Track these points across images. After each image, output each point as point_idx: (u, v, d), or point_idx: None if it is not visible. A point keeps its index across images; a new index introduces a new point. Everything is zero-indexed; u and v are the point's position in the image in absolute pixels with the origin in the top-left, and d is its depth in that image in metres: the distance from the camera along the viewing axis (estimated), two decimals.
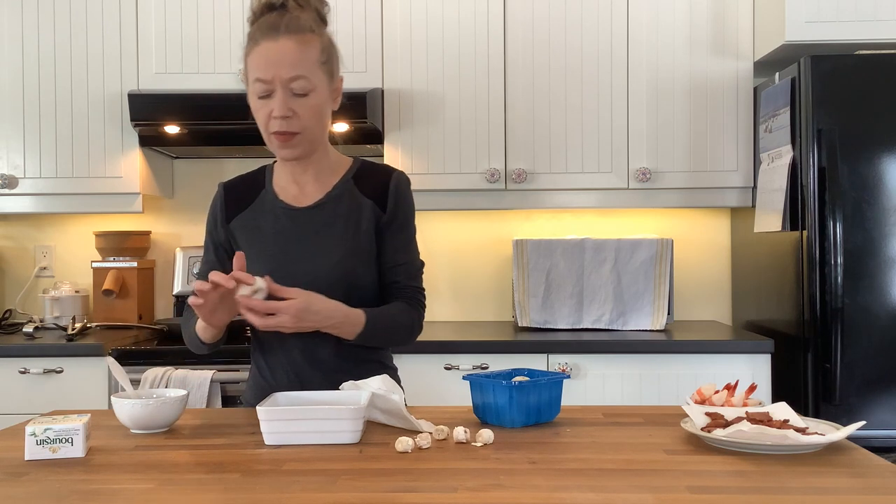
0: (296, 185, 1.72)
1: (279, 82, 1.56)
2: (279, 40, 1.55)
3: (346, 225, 1.68)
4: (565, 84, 3.00)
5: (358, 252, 1.68)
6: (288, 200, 1.71)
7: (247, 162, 3.37)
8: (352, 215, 1.69)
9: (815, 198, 2.53)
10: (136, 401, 1.45)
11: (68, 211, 3.11)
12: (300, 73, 1.56)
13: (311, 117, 1.60)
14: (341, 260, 1.66)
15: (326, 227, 1.68)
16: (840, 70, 2.54)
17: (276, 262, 1.66)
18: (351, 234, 1.68)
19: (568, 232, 3.29)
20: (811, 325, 2.54)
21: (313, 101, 1.59)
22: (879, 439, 2.48)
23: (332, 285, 1.63)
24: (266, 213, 1.72)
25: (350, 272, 1.66)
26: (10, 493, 1.14)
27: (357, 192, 1.71)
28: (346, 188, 1.71)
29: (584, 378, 2.68)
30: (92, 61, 3.02)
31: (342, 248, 1.67)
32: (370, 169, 1.75)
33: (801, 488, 1.12)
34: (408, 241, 1.75)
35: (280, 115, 1.56)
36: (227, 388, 2.63)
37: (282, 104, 1.56)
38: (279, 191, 1.73)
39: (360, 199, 1.70)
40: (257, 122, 1.63)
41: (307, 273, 1.64)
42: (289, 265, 1.66)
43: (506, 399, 1.47)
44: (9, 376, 2.71)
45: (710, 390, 1.54)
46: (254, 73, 1.57)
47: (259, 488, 1.14)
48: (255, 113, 1.62)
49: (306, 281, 1.61)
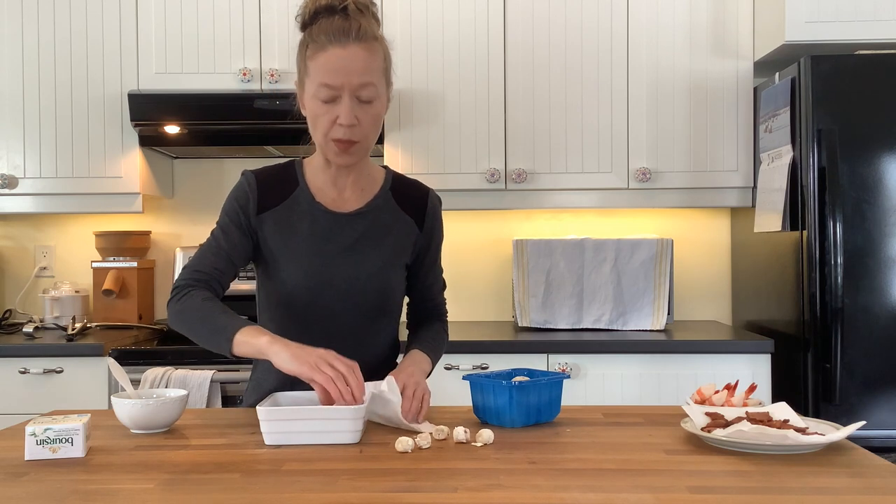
0: (335, 188, 1.70)
1: (348, 89, 1.54)
2: (348, 47, 1.54)
3: (386, 236, 1.70)
4: (565, 84, 3.00)
5: (396, 264, 1.71)
6: (326, 204, 1.69)
7: (247, 162, 3.38)
8: (392, 227, 1.71)
9: (815, 198, 2.53)
10: (136, 401, 1.45)
11: (68, 211, 3.11)
12: (368, 81, 1.56)
13: (372, 125, 1.60)
14: (381, 269, 1.68)
15: (368, 235, 1.68)
16: (840, 70, 2.54)
17: (313, 265, 1.64)
18: (391, 246, 1.70)
19: (568, 232, 3.29)
20: (811, 325, 2.54)
21: (376, 109, 1.59)
22: (879, 439, 2.48)
23: (368, 293, 1.64)
24: (302, 213, 1.67)
25: (387, 282, 1.69)
26: (10, 493, 1.14)
27: (396, 205, 1.73)
28: (385, 199, 1.72)
29: (584, 378, 2.68)
30: (92, 61, 3.02)
31: (382, 258, 1.68)
32: (404, 182, 1.77)
33: (801, 488, 1.12)
34: (438, 260, 1.82)
35: (347, 123, 1.55)
36: (227, 388, 2.63)
37: (349, 112, 1.55)
38: (315, 192, 1.69)
39: (399, 213, 1.72)
40: (313, 123, 1.60)
41: (346, 280, 1.64)
42: (326, 269, 1.64)
43: (506, 399, 1.48)
44: (9, 376, 2.71)
45: (710, 390, 1.54)
46: (320, 77, 1.55)
47: (259, 488, 1.14)
48: (315, 116, 1.59)
49: (344, 288, 1.62)
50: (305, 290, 1.64)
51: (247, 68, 2.98)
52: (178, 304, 1.60)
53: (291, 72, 2.99)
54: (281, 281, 1.66)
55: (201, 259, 1.65)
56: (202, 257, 1.65)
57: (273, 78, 2.97)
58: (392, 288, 1.70)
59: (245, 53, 3.00)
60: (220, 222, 1.68)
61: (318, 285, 1.59)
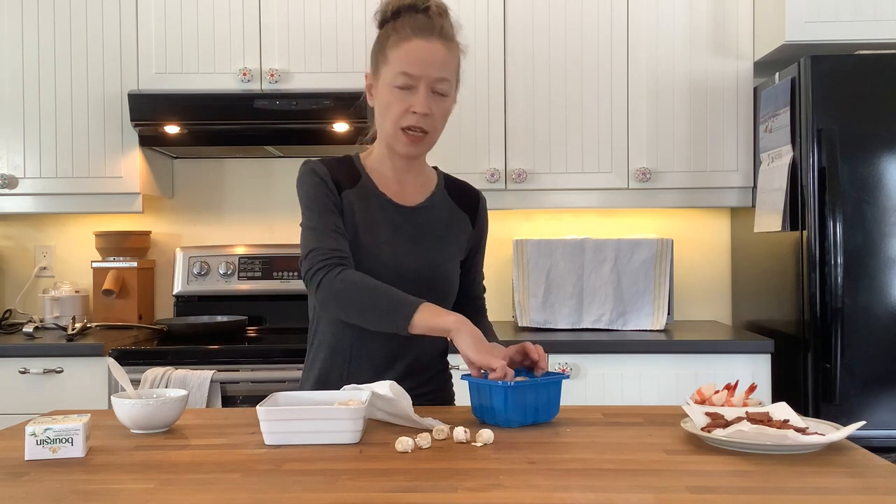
0: (397, 182, 1.74)
1: (426, 80, 1.61)
2: (432, 41, 1.61)
3: (447, 231, 1.75)
4: (565, 84, 3.00)
5: (455, 258, 1.75)
6: (389, 195, 1.72)
7: (247, 162, 3.38)
8: (452, 223, 1.76)
9: (815, 198, 2.53)
10: (136, 401, 1.45)
11: (68, 211, 3.11)
12: (446, 76, 1.63)
13: (441, 119, 1.66)
14: (442, 263, 1.72)
15: (431, 229, 1.73)
16: (840, 70, 2.54)
17: (385, 254, 1.67)
18: (452, 240, 1.75)
19: (568, 232, 3.29)
20: (811, 325, 2.54)
21: (447, 105, 1.67)
22: (879, 439, 2.48)
23: (430, 285, 1.66)
24: (371, 200, 1.70)
25: (448, 276, 1.73)
26: (10, 493, 1.14)
27: (452, 202, 1.78)
28: (443, 196, 1.78)
29: (584, 378, 2.68)
30: (92, 61, 3.02)
31: (444, 252, 1.73)
32: (456, 182, 1.83)
33: (801, 488, 1.12)
34: (483, 259, 1.88)
35: (422, 111, 1.61)
36: (227, 388, 2.63)
37: (424, 101, 1.61)
38: (379, 183, 1.72)
39: (456, 210, 1.78)
40: (384, 111, 1.64)
41: (411, 271, 1.67)
42: (396, 259, 1.67)
43: (501, 399, 1.47)
44: (9, 376, 2.71)
45: (710, 390, 1.54)
46: (401, 65, 1.61)
47: (259, 488, 1.14)
48: (388, 104, 1.63)
49: (411, 278, 1.65)
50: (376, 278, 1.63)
51: (247, 68, 2.98)
52: (339, 282, 1.56)
53: (291, 72, 2.99)
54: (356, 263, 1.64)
55: (325, 238, 1.61)
56: (323, 237, 1.61)
57: (273, 78, 2.97)
58: (451, 282, 1.74)
59: (245, 53, 3.00)
60: (313, 203, 1.64)
61: (387, 273, 1.62)
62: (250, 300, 3.22)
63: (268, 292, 3.20)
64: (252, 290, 3.21)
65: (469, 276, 1.82)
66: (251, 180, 3.39)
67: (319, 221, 1.63)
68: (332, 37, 2.98)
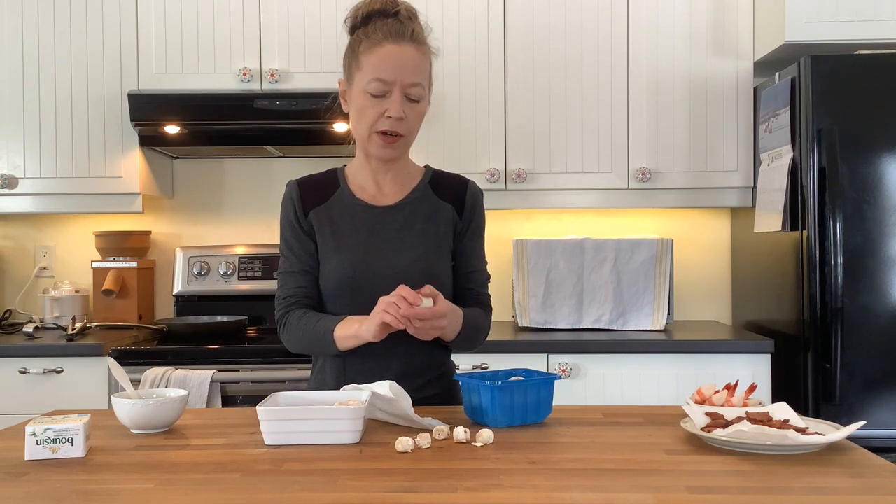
0: (375, 184, 1.76)
1: (399, 86, 1.63)
2: (403, 46, 1.63)
3: (426, 224, 1.74)
4: (565, 84, 3.00)
5: (438, 249, 1.74)
6: (366, 199, 1.75)
7: (247, 162, 3.38)
8: (432, 216, 1.75)
9: (815, 198, 2.53)
10: (136, 401, 1.45)
11: (68, 211, 3.11)
12: (418, 81, 1.65)
13: (416, 122, 1.69)
14: (422, 256, 1.71)
15: (407, 225, 1.73)
16: (840, 70, 2.54)
17: (356, 257, 1.69)
18: (432, 233, 1.74)
19: (568, 232, 3.29)
20: (811, 325, 2.54)
21: (421, 109, 1.68)
22: (879, 439, 2.48)
23: (414, 280, 1.65)
24: (343, 209, 1.74)
25: (431, 269, 1.71)
26: (10, 493, 1.14)
27: (435, 196, 1.77)
28: (425, 192, 1.78)
29: (584, 378, 2.68)
30: (92, 61, 3.02)
31: (423, 246, 1.72)
32: (444, 176, 1.82)
33: (801, 488, 1.12)
34: (480, 249, 1.83)
35: (396, 115, 1.63)
36: (227, 388, 2.63)
37: (398, 106, 1.63)
38: (356, 189, 1.76)
39: (438, 203, 1.77)
40: (358, 117, 1.67)
41: (390, 267, 1.68)
42: (370, 261, 1.69)
43: (488, 399, 1.47)
44: (9, 376, 2.71)
45: (710, 390, 1.54)
46: (373, 71, 1.62)
47: (259, 488, 1.14)
48: (362, 109, 1.66)
49: (389, 275, 1.65)
50: (351, 281, 1.68)
51: (247, 68, 2.98)
52: (285, 334, 1.73)
53: (291, 72, 2.99)
54: (329, 273, 1.71)
55: (283, 286, 1.75)
56: (283, 284, 1.76)
57: (273, 78, 2.97)
58: (436, 274, 1.71)
59: (245, 53, 3.00)
60: (282, 237, 1.78)
61: (363, 275, 1.66)
62: (250, 300, 3.22)
63: (268, 292, 3.19)
64: (252, 290, 3.22)
65: (460, 265, 1.78)
66: (251, 180, 3.39)
67: (283, 263, 1.77)
68: (332, 37, 2.97)
